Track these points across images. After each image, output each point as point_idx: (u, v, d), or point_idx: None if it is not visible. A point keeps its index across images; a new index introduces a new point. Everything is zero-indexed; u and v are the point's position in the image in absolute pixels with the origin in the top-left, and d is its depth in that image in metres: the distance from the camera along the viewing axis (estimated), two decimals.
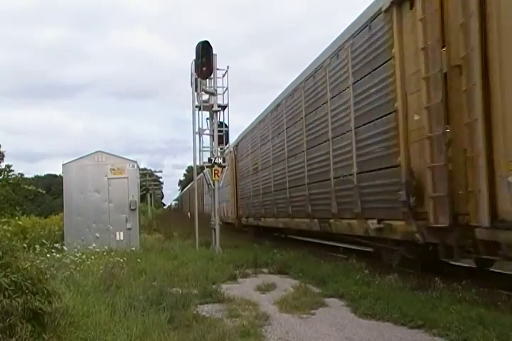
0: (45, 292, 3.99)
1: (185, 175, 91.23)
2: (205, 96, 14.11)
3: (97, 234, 12.51)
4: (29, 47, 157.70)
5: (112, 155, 14.59)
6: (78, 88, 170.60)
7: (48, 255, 7.35)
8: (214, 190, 14.06)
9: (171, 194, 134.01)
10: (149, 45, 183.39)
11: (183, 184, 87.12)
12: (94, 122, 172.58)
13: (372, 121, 7.40)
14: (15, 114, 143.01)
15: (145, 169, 52.30)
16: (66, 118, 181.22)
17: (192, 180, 24.35)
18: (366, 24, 7.65)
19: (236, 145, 20.16)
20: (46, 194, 37.33)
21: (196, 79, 13.75)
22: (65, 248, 9.55)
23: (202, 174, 19.25)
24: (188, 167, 78.60)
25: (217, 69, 13.91)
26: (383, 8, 6.88)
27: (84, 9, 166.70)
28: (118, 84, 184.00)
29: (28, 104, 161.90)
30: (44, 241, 8.69)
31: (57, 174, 41.02)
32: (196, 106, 13.98)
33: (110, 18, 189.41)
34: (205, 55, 13.47)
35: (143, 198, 44.72)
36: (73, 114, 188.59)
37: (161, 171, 63.92)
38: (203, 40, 13.57)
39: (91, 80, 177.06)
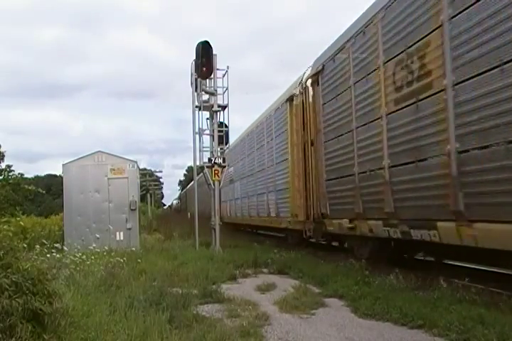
0: (46, 293, 4.00)
1: (185, 175, 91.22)
2: (205, 97, 14.10)
3: (97, 234, 12.52)
4: (28, 47, 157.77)
5: (112, 155, 14.60)
6: (78, 88, 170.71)
7: (48, 255, 7.35)
8: (214, 190, 14.05)
9: (170, 194, 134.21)
10: (149, 45, 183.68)
11: (183, 184, 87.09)
12: (94, 122, 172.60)
13: None
14: (14, 114, 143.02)
15: (145, 169, 52.27)
16: (66, 119, 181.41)
17: (192, 180, 23.91)
18: None
19: (319, 71, 10.00)
20: (46, 194, 37.31)
21: (196, 79, 13.76)
22: (65, 248, 9.58)
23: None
24: (188, 167, 78.68)
25: (217, 69, 13.93)
26: None
27: (84, 9, 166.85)
28: (118, 84, 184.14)
29: (28, 104, 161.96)
30: (44, 241, 8.70)
31: (57, 174, 41.02)
32: (196, 106, 13.98)
33: (110, 18, 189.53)
34: (205, 55, 13.48)
35: (143, 198, 44.69)
36: (73, 114, 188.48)
37: (161, 171, 63.87)
38: (203, 40, 13.60)
39: (91, 80, 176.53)
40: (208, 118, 14.44)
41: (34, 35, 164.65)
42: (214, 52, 13.74)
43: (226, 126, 14.53)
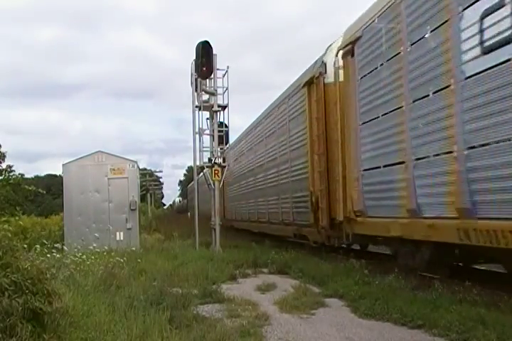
0: (46, 292, 3.99)
1: (185, 175, 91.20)
2: (205, 96, 14.11)
3: (97, 234, 12.51)
4: (27, 47, 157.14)
5: (112, 155, 14.61)
6: (77, 88, 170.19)
7: (48, 255, 7.35)
8: (214, 190, 14.05)
9: (170, 194, 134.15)
10: (148, 44, 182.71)
11: (183, 184, 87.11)
12: (93, 122, 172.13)
13: None
14: (13, 114, 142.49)
15: (145, 169, 52.21)
16: (65, 118, 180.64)
17: (192, 180, 23.79)
18: None
19: None
20: (46, 194, 37.31)
21: (196, 79, 13.76)
22: (65, 248, 9.57)
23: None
24: (188, 167, 78.58)
25: (217, 69, 13.93)
26: None
27: (83, 9, 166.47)
28: (117, 84, 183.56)
29: (27, 104, 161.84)
30: (44, 241, 8.69)
31: (57, 174, 41.00)
32: (196, 106, 13.99)
33: (109, 17, 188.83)
34: (205, 55, 13.48)
35: (143, 198, 44.63)
36: (72, 114, 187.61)
37: (161, 171, 63.73)
38: (203, 40, 13.61)
39: (90, 80, 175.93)
40: (208, 118, 14.46)
41: (33, 34, 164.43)
42: (214, 52, 13.75)
43: (226, 126, 14.54)
